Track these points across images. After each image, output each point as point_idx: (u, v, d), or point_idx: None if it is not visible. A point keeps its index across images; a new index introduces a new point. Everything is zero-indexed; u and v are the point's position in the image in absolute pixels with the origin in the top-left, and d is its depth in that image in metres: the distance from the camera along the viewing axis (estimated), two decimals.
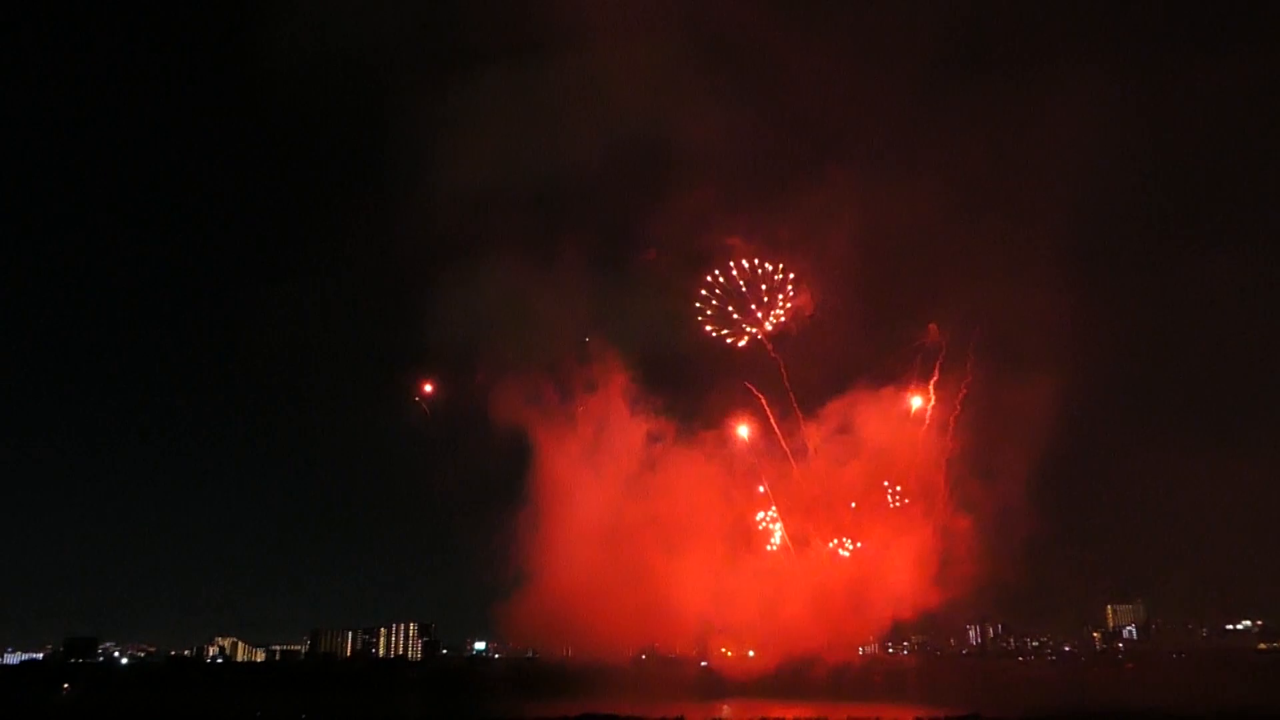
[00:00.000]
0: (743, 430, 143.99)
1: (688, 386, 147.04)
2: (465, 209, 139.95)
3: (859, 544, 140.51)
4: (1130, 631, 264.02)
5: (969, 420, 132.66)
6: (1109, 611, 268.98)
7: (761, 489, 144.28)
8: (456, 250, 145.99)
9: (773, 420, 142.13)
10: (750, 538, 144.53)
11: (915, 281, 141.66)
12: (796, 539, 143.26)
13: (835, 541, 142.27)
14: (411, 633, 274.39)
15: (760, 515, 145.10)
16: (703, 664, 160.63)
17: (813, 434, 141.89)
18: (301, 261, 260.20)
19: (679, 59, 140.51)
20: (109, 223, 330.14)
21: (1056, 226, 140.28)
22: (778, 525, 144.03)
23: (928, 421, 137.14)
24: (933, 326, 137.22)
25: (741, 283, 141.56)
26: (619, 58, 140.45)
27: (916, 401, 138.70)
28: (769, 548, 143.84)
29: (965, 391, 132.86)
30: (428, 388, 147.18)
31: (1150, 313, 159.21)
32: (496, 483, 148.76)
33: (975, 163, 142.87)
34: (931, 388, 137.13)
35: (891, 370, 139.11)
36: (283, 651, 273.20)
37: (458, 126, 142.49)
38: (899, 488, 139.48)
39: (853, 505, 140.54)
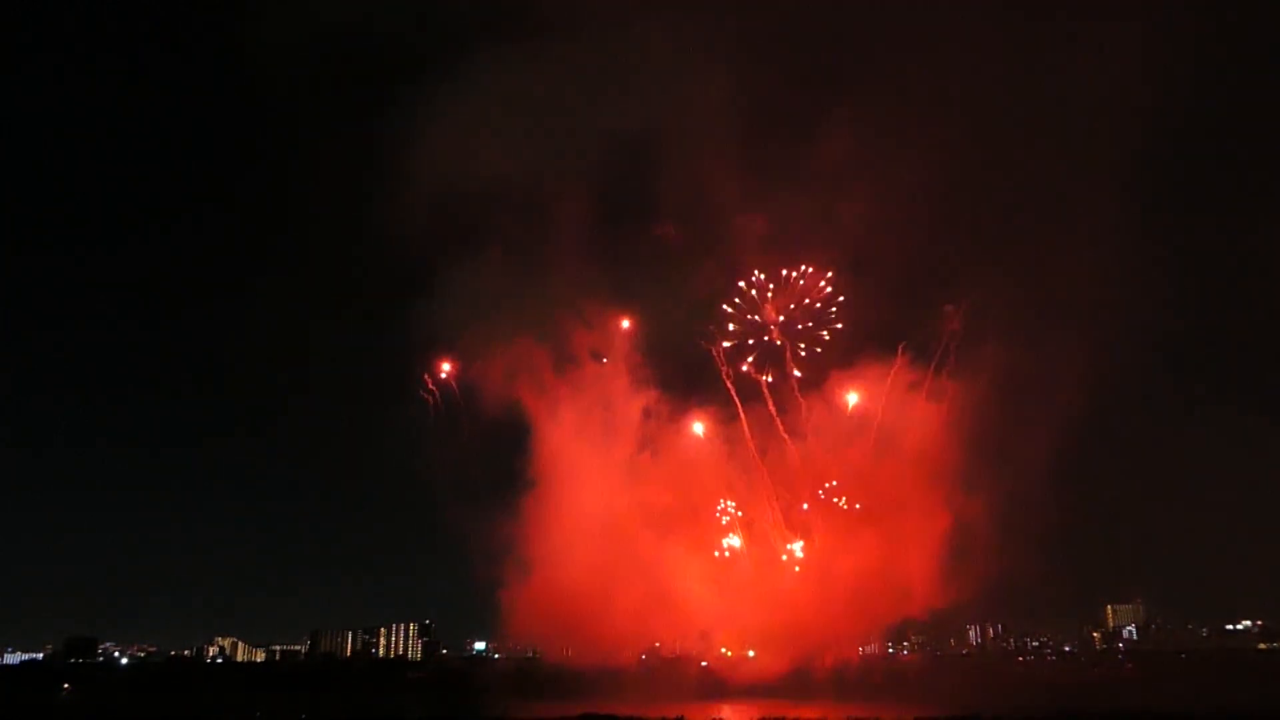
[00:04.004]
0: (698, 427, 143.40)
1: (689, 366, 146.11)
2: (461, 198, 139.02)
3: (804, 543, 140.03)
4: (1130, 631, 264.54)
5: (984, 404, 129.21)
6: (1109, 611, 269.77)
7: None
8: (453, 239, 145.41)
9: (771, 406, 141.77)
10: (750, 529, 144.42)
11: (935, 252, 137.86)
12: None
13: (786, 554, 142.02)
14: (411, 633, 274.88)
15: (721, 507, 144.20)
16: (703, 664, 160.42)
17: (814, 415, 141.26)
18: (298, 259, 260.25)
19: (681, 32, 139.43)
20: (105, 223, 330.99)
21: (1093, 182, 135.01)
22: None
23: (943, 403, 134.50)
24: (949, 308, 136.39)
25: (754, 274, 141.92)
26: (619, 40, 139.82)
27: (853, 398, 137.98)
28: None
29: (986, 374, 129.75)
30: (445, 367, 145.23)
31: (1177, 291, 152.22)
32: (493, 467, 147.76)
33: (1001, 111, 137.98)
34: (944, 372, 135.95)
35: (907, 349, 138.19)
36: (283, 651, 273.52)
37: (453, 114, 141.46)
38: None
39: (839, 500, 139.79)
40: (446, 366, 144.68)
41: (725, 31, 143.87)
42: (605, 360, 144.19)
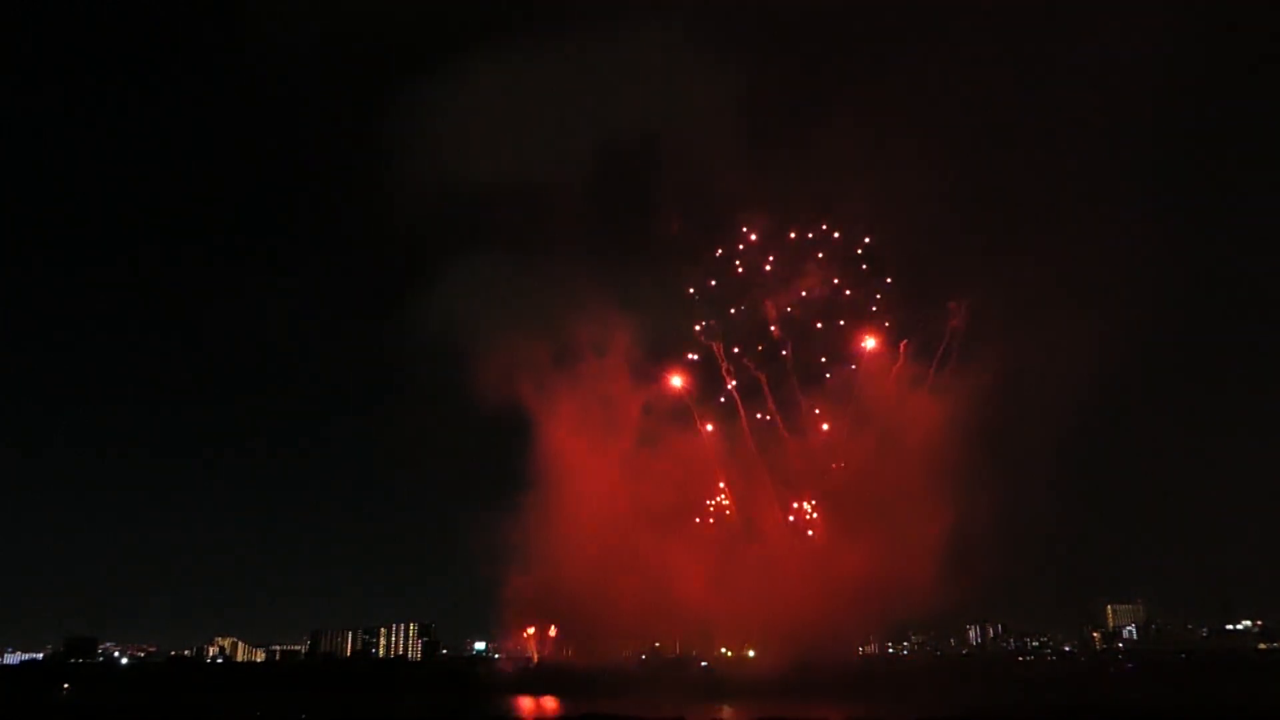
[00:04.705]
0: (676, 380, 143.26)
1: (688, 360, 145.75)
2: (462, 194, 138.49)
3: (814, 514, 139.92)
4: (1130, 631, 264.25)
5: (987, 402, 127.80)
6: (1109, 611, 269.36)
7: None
8: (454, 236, 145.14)
9: (771, 401, 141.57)
10: (750, 525, 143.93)
11: (939, 248, 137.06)
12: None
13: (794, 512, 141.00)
14: (411, 633, 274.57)
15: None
16: (703, 664, 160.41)
17: (815, 409, 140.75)
18: (295, 258, 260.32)
19: (684, 28, 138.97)
20: (105, 224, 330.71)
21: (1101, 177, 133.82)
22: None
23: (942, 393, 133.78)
24: (952, 304, 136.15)
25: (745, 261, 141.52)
26: (620, 37, 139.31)
27: (870, 343, 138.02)
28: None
29: (988, 372, 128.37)
30: (446, 363, 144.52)
31: (1180, 290, 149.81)
32: (493, 465, 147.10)
33: (1007, 105, 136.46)
34: (947, 370, 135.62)
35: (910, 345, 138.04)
36: (283, 651, 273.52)
37: (454, 112, 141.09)
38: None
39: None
40: (447, 363, 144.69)
41: (728, 27, 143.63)
42: (605, 355, 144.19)
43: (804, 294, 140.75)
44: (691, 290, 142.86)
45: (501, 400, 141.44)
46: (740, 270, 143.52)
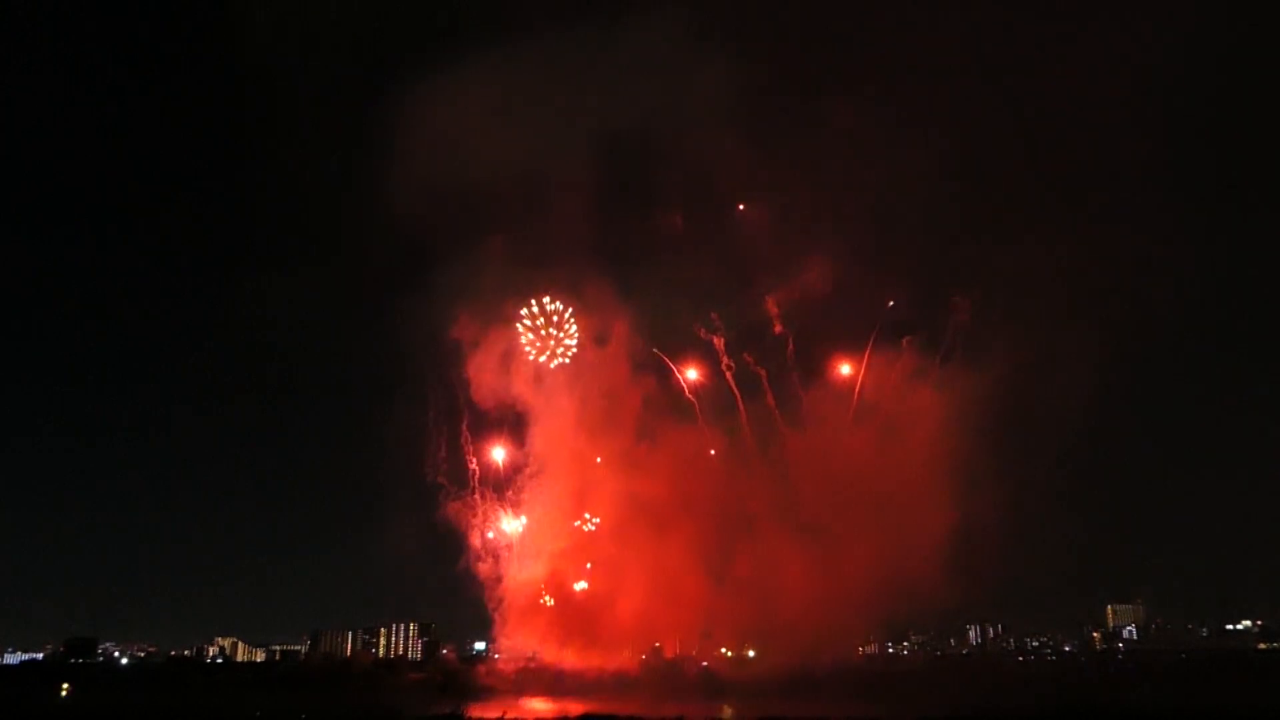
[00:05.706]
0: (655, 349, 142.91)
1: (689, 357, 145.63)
2: (462, 188, 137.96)
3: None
4: (1130, 631, 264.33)
5: (991, 399, 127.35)
6: (1109, 611, 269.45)
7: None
8: (453, 230, 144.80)
9: (771, 397, 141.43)
10: (750, 522, 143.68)
11: (943, 241, 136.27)
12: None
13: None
14: (411, 633, 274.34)
15: None
16: (703, 664, 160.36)
17: (816, 404, 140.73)
18: (293, 254, 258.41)
19: (685, 22, 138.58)
20: (102, 221, 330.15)
21: (1109, 169, 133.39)
22: None
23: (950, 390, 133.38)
24: (957, 299, 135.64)
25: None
26: (621, 30, 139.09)
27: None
28: None
29: (992, 370, 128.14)
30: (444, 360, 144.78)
31: (1182, 290, 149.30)
32: (492, 460, 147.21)
33: (1012, 95, 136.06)
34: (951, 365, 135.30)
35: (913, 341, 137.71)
36: (283, 651, 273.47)
37: (452, 105, 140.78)
38: None
39: None
40: (446, 357, 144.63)
41: (731, 18, 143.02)
42: (605, 348, 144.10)
43: (806, 294, 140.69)
44: (672, 290, 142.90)
45: (501, 394, 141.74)
46: (741, 264, 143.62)
